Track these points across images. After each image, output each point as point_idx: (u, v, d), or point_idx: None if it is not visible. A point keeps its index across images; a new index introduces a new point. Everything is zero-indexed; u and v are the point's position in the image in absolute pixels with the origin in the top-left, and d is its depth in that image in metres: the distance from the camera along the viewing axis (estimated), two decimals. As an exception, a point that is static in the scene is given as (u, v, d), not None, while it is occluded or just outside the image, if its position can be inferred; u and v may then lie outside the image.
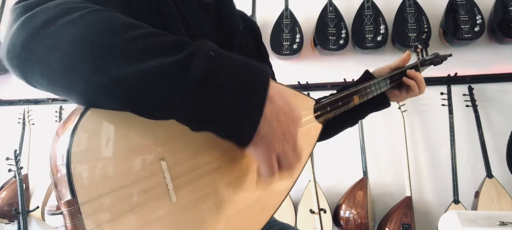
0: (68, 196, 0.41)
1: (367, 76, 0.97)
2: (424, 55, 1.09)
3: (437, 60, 1.08)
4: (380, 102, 0.98)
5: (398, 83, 0.98)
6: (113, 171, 0.45)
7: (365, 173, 2.20)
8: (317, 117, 0.76)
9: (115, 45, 0.41)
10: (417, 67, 1.03)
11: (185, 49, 0.43)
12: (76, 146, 0.42)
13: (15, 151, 2.38)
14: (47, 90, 0.45)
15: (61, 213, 0.42)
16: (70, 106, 0.48)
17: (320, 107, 0.77)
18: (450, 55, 1.13)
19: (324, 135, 0.98)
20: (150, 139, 0.49)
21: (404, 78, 0.96)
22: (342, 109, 0.83)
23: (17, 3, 0.46)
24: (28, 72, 0.44)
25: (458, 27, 2.04)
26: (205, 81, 0.41)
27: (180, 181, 0.51)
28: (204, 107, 0.42)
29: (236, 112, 0.43)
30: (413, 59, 1.04)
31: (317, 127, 0.77)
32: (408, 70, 0.97)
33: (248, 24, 0.88)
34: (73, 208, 0.41)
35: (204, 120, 0.43)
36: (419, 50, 1.09)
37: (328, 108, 0.79)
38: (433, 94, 2.16)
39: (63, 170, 0.42)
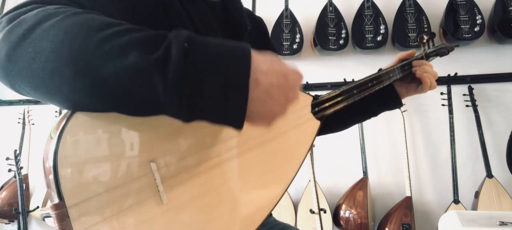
0: (55, 199, 0.42)
1: None
2: (431, 47, 1.02)
3: (444, 51, 1.02)
4: (391, 101, 0.94)
5: (405, 77, 0.93)
6: (102, 174, 0.45)
7: (365, 173, 2.20)
8: (314, 113, 0.75)
9: (91, 46, 0.41)
10: (422, 59, 0.97)
11: (161, 43, 0.42)
12: (62, 149, 0.42)
13: (15, 151, 2.38)
14: (35, 98, 0.46)
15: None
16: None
17: (317, 103, 0.76)
18: (457, 45, 1.08)
19: (331, 129, 0.96)
20: (139, 140, 0.48)
21: (418, 73, 0.90)
22: (341, 105, 0.81)
23: (3, 16, 0.47)
24: (15, 83, 0.45)
25: (458, 27, 2.04)
26: (185, 76, 0.41)
27: (170, 182, 0.51)
28: (189, 100, 0.42)
29: (222, 100, 0.43)
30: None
31: (315, 124, 0.75)
32: (417, 61, 0.92)
33: (254, 22, 0.88)
34: (61, 211, 0.41)
35: (192, 112, 0.43)
36: (425, 41, 1.02)
37: (327, 105, 0.78)
38: (433, 94, 2.16)
39: (50, 172, 0.42)
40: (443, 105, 2.13)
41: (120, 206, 0.46)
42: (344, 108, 0.81)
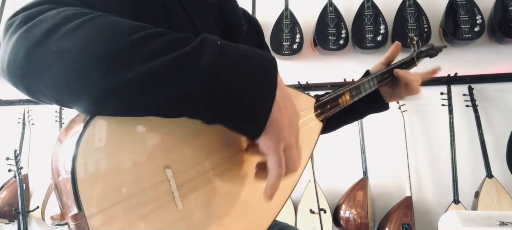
0: (74, 210, 0.41)
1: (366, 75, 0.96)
2: (420, 48, 1.06)
3: (433, 52, 1.05)
4: (377, 104, 0.96)
5: (391, 80, 0.95)
6: (119, 182, 0.44)
7: (365, 173, 2.20)
8: (317, 115, 0.76)
9: (125, 46, 0.41)
10: (413, 60, 1.01)
11: (192, 40, 0.43)
12: (80, 157, 0.41)
13: (15, 151, 2.38)
14: (53, 101, 0.44)
15: (66, 223, 0.41)
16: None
17: (320, 105, 0.77)
18: (445, 46, 1.12)
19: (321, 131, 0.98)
20: (155, 147, 0.48)
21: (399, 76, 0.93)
22: (341, 107, 0.82)
23: (14, 15, 0.45)
24: (32, 84, 0.43)
25: (458, 27, 2.04)
26: (218, 70, 0.42)
27: (185, 188, 0.51)
28: (218, 96, 0.43)
29: (251, 98, 0.44)
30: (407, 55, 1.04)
31: (318, 126, 0.77)
32: (397, 70, 0.94)
33: (250, 22, 0.88)
34: (80, 221, 0.40)
35: (218, 110, 0.44)
36: (414, 42, 1.05)
37: (328, 106, 0.79)
38: (433, 94, 2.16)
39: (68, 182, 0.41)
40: (443, 105, 2.13)
41: (138, 213, 0.45)
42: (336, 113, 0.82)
